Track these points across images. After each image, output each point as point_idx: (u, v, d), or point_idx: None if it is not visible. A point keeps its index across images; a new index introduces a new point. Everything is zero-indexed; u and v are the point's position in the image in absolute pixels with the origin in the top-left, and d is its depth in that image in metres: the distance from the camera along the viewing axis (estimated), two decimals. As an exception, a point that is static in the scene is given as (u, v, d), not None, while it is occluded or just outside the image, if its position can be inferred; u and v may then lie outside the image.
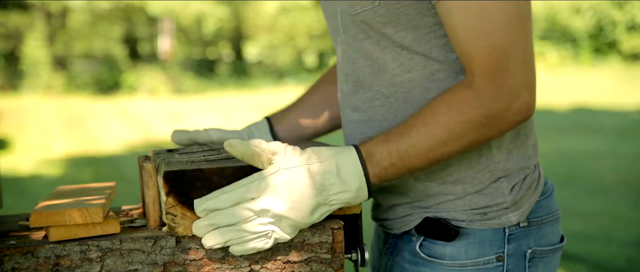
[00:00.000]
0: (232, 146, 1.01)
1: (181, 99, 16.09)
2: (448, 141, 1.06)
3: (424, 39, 1.13)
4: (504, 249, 1.18)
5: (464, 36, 1.05)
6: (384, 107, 1.18)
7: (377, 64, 1.17)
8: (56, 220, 0.98)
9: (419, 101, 1.15)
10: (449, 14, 1.06)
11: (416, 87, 1.15)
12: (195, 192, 0.99)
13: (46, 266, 0.97)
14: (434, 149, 1.06)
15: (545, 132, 9.25)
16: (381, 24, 1.13)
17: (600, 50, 19.63)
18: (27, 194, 6.38)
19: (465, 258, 1.17)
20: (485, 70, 1.05)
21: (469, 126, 1.05)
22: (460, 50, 1.07)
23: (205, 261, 1.01)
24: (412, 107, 1.15)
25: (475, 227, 1.17)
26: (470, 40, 1.05)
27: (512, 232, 1.18)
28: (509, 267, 1.18)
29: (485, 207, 1.17)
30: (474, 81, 1.05)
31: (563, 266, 4.06)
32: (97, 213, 0.99)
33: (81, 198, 1.08)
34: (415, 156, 1.06)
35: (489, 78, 1.04)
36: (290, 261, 1.03)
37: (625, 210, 5.29)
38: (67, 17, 19.60)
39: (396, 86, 1.16)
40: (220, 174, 1.00)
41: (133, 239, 1.00)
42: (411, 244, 1.21)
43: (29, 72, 17.73)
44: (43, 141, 10.20)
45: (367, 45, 1.17)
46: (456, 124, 1.05)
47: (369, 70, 1.18)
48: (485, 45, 1.04)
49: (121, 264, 0.99)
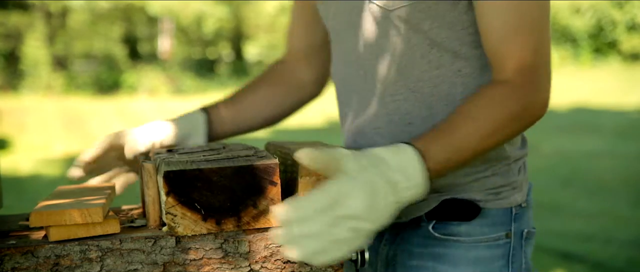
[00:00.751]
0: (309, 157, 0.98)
1: (181, 99, 16.09)
2: (493, 134, 1.10)
3: (456, 35, 1.18)
4: (511, 227, 1.25)
5: (503, 34, 1.11)
6: (407, 102, 1.21)
7: (406, 60, 1.20)
8: (56, 220, 0.97)
9: (444, 96, 1.20)
10: (487, 13, 1.12)
11: (443, 83, 1.20)
12: (195, 192, 0.99)
13: (46, 265, 0.97)
14: (482, 142, 1.09)
15: (545, 132, 9.25)
16: (419, 19, 1.17)
17: (600, 50, 19.63)
18: (27, 194, 6.38)
19: (480, 234, 1.23)
20: (522, 66, 1.11)
21: (510, 118, 1.10)
22: (496, 48, 1.12)
23: (205, 261, 1.01)
24: (439, 101, 1.20)
25: (489, 206, 1.23)
26: (510, 38, 1.11)
27: (516, 212, 1.26)
28: (514, 244, 1.26)
29: (500, 187, 1.23)
30: (511, 77, 1.11)
31: (563, 266, 4.06)
32: (97, 213, 0.99)
33: (81, 198, 1.08)
34: (466, 150, 1.08)
35: (526, 74, 1.11)
36: (290, 261, 1.03)
37: (625, 210, 5.29)
38: (67, 17, 19.61)
39: (424, 81, 1.20)
40: (220, 174, 1.00)
41: (133, 239, 1.00)
42: (421, 229, 1.24)
43: (29, 72, 17.74)
44: (43, 140, 10.20)
45: (397, 42, 1.20)
46: (501, 117, 1.10)
47: (396, 67, 1.21)
48: (524, 42, 1.11)
49: (121, 264, 0.99)
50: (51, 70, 18.19)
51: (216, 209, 1.00)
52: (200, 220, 1.00)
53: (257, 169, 1.01)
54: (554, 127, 9.51)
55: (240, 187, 1.00)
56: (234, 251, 1.02)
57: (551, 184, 6.30)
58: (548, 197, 5.78)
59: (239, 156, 1.07)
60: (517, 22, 1.11)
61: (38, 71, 17.73)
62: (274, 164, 1.01)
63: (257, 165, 1.01)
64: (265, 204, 1.02)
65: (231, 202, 1.00)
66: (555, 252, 4.30)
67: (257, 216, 1.02)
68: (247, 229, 1.02)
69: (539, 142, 8.55)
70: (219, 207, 1.00)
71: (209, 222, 1.00)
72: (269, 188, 1.01)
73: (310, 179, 1.07)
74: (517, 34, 1.11)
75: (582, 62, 19.21)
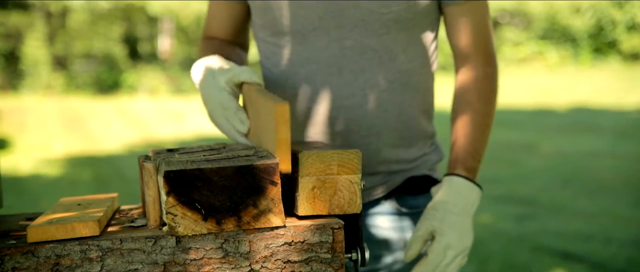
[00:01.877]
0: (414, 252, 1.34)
1: (181, 98, 16.09)
2: (492, 122, 1.45)
3: (434, 32, 1.48)
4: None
5: (480, 31, 1.44)
6: (385, 92, 1.42)
7: (388, 54, 1.41)
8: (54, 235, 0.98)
9: (414, 84, 1.45)
10: (467, 14, 1.43)
11: (415, 73, 1.45)
12: (195, 192, 0.99)
13: (46, 265, 0.97)
14: (489, 132, 1.45)
15: (545, 132, 9.25)
16: (411, 21, 1.40)
17: (600, 50, 19.63)
18: (27, 194, 6.39)
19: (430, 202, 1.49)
20: (490, 56, 1.46)
21: (495, 101, 1.46)
22: (471, 43, 1.44)
23: (206, 261, 1.01)
24: (410, 89, 1.44)
25: (434, 177, 1.53)
26: (485, 34, 1.45)
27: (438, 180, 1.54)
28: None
29: (436, 162, 1.55)
30: (486, 68, 1.45)
31: (563, 266, 4.07)
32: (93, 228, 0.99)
33: (79, 212, 1.08)
34: (485, 144, 1.44)
35: (492, 62, 1.46)
36: (291, 261, 1.03)
37: (625, 210, 5.29)
38: (67, 17, 19.60)
39: (401, 73, 1.43)
40: (220, 174, 1.00)
41: (133, 239, 1.00)
42: (384, 205, 1.49)
43: (29, 72, 17.73)
44: (43, 140, 10.20)
45: (385, 40, 1.40)
46: (492, 106, 1.45)
47: (378, 61, 1.41)
48: (489, 37, 1.46)
49: (121, 264, 0.99)
50: (51, 70, 18.18)
51: (216, 209, 1.00)
52: (200, 220, 1.00)
53: (258, 169, 1.01)
54: (553, 127, 9.50)
55: (241, 187, 1.01)
56: (234, 250, 1.02)
57: (551, 184, 6.30)
58: (548, 197, 5.78)
59: (239, 156, 1.07)
60: (486, 22, 1.45)
61: (38, 71, 17.72)
62: (274, 164, 1.01)
63: (257, 165, 1.01)
64: (265, 204, 1.02)
65: (231, 202, 1.00)
66: (555, 252, 4.30)
67: (258, 215, 1.02)
68: (247, 229, 1.02)
69: (539, 142, 8.55)
70: (219, 207, 1.00)
71: (210, 222, 1.00)
72: (269, 188, 1.01)
73: (310, 179, 1.07)
74: (487, 31, 1.46)
75: (582, 62, 19.21)
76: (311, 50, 1.41)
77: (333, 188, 1.09)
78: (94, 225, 0.99)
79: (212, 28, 1.58)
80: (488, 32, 1.46)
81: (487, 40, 1.46)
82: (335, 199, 1.09)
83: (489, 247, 4.42)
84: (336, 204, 1.09)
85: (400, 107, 1.43)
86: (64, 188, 6.77)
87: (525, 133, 9.14)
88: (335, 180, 1.09)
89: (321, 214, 1.08)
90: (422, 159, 1.50)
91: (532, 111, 11.40)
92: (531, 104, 12.11)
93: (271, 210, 1.02)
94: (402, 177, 1.48)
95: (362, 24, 1.38)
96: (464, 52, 1.46)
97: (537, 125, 9.84)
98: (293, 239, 1.03)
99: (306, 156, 1.08)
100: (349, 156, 1.09)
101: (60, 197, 1.31)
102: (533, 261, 4.19)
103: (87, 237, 0.99)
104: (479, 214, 5.05)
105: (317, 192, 1.08)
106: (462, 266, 1.34)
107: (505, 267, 4.10)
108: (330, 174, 1.08)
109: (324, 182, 1.08)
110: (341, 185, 1.09)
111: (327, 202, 1.08)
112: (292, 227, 1.04)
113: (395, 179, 1.47)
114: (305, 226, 1.04)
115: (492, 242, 4.53)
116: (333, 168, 1.08)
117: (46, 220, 1.02)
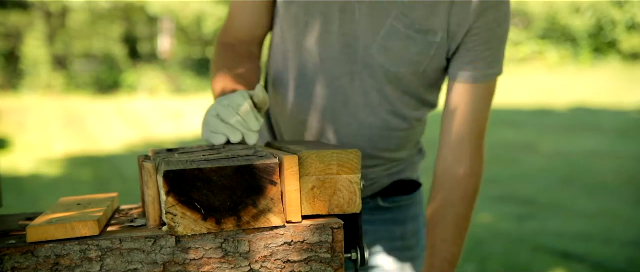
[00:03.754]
0: None
1: (181, 98, 16.09)
2: (470, 224, 1.49)
3: (434, 94, 1.53)
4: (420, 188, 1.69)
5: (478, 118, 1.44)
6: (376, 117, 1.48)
7: (387, 100, 1.47)
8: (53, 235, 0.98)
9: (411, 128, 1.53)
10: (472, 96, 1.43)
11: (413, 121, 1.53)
12: (195, 191, 0.99)
13: (46, 265, 0.97)
14: (466, 234, 1.48)
15: (545, 132, 9.26)
16: (414, 83, 1.46)
17: (600, 50, 19.63)
18: (27, 194, 6.39)
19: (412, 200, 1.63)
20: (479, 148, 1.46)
21: (475, 204, 1.49)
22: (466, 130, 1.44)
23: (205, 261, 1.01)
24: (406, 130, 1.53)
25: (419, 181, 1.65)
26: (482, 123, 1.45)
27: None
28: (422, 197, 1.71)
29: (419, 162, 1.65)
30: (473, 165, 1.46)
31: (563, 265, 4.07)
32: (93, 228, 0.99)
33: (78, 212, 1.08)
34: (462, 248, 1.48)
35: (480, 158, 1.47)
36: (290, 261, 1.03)
37: (625, 210, 5.29)
38: (67, 16, 19.60)
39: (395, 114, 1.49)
40: (220, 174, 1.00)
41: (133, 239, 1.00)
42: (370, 204, 1.58)
43: (29, 71, 17.73)
44: (43, 140, 10.20)
45: (387, 89, 1.45)
46: (473, 208, 1.48)
47: (379, 101, 1.47)
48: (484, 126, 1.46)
49: (121, 264, 0.99)
50: (51, 70, 18.18)
51: (216, 208, 1.00)
52: (200, 220, 1.00)
53: (257, 169, 1.01)
54: (553, 127, 9.51)
55: (240, 187, 1.01)
56: (234, 250, 1.02)
57: (551, 184, 6.31)
58: (548, 197, 5.79)
59: (239, 156, 1.07)
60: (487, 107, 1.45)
61: (38, 71, 17.72)
62: (274, 164, 1.01)
63: (257, 165, 1.01)
64: (265, 204, 1.02)
65: (231, 202, 1.00)
66: (555, 252, 4.30)
67: (257, 215, 1.02)
68: (247, 229, 1.02)
69: (539, 142, 8.55)
70: (219, 207, 1.00)
71: (209, 222, 1.00)
72: (269, 188, 1.01)
73: (310, 178, 1.07)
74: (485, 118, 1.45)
75: (582, 61, 19.21)
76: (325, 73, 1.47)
77: (333, 188, 1.09)
78: (93, 225, 0.99)
79: (234, 29, 1.58)
80: (485, 121, 1.46)
81: (481, 130, 1.46)
82: (335, 199, 1.09)
83: (489, 247, 4.42)
84: (336, 204, 1.09)
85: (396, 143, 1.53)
86: (63, 188, 6.77)
87: (525, 133, 9.14)
88: (335, 180, 1.09)
89: (321, 214, 1.08)
90: (410, 161, 1.61)
91: (532, 111, 11.40)
92: (531, 104, 12.11)
93: (271, 210, 1.02)
94: (389, 180, 1.58)
95: (374, 72, 1.44)
96: (455, 132, 1.46)
97: (537, 125, 9.84)
98: (293, 239, 1.03)
99: (306, 155, 1.08)
100: (348, 155, 1.09)
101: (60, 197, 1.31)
102: (533, 261, 4.19)
103: (86, 237, 0.99)
104: (479, 214, 5.05)
105: (316, 192, 1.08)
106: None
107: (505, 267, 4.10)
108: (330, 174, 1.08)
109: (323, 182, 1.08)
110: (341, 185, 1.09)
111: (327, 202, 1.08)
112: (292, 227, 1.04)
113: (382, 182, 1.57)
114: (305, 226, 1.04)
115: (492, 242, 4.53)
116: (333, 168, 1.08)
117: (46, 220, 1.02)
